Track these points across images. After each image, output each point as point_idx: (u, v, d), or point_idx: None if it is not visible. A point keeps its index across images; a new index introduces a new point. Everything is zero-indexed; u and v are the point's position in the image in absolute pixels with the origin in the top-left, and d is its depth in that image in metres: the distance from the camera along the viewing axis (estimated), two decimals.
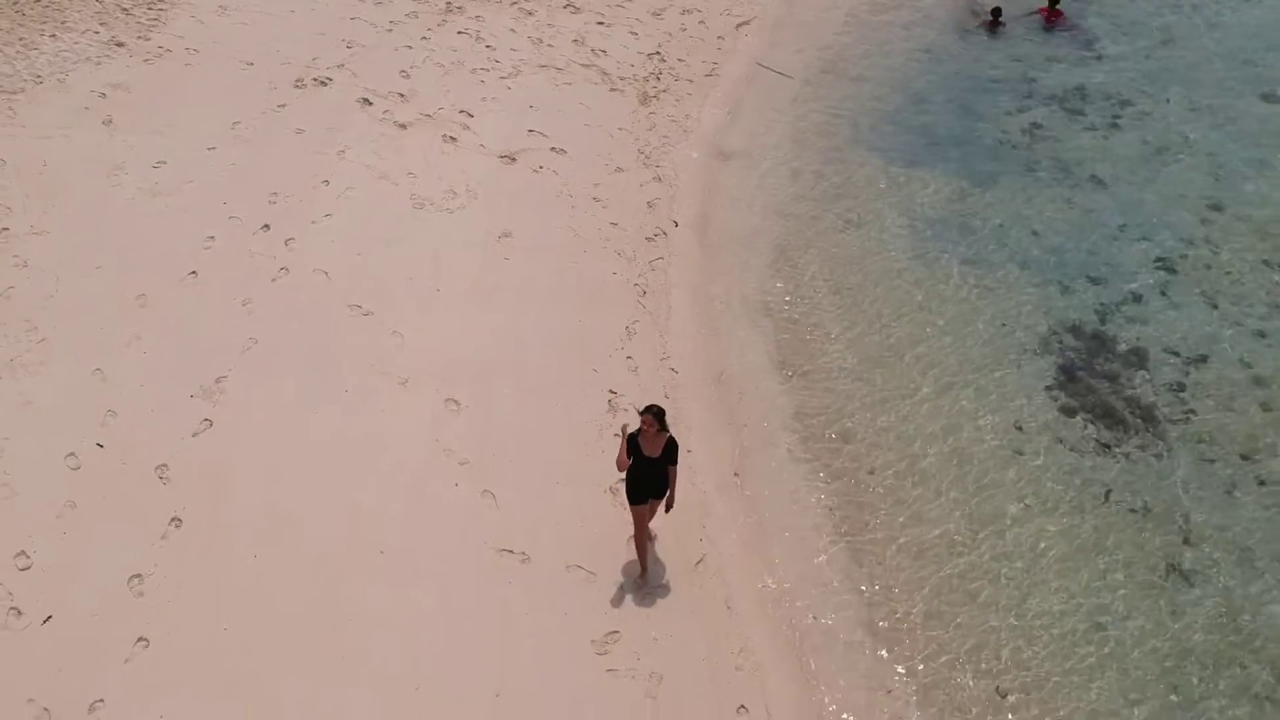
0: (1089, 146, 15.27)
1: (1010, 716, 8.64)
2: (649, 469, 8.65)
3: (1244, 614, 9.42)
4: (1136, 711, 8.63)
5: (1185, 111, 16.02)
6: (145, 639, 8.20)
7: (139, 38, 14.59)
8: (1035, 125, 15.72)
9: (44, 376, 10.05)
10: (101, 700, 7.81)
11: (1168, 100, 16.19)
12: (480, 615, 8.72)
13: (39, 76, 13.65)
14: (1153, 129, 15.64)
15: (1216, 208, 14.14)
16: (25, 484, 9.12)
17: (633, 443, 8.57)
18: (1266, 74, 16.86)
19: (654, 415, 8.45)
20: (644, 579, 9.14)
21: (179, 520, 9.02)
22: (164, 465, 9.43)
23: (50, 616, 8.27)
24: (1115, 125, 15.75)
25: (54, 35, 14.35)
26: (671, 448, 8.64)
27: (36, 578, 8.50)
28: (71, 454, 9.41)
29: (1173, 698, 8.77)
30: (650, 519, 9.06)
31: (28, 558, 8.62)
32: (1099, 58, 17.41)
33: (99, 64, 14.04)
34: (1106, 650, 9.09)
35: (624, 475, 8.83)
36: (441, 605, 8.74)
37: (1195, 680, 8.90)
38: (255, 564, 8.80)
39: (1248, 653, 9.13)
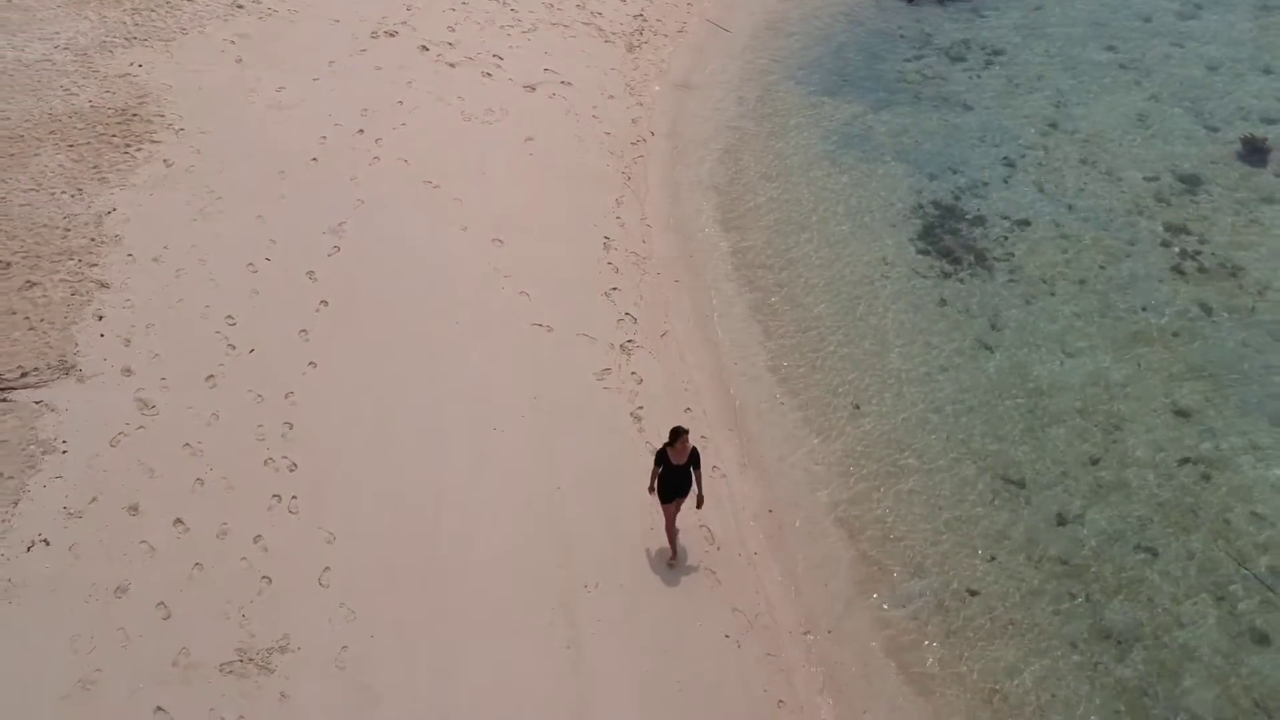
0: (964, 83, 20.21)
1: (862, 420, 13.56)
2: (677, 474, 10.62)
3: (1029, 370, 14.22)
4: (939, 422, 13.48)
5: (1042, 58, 20.96)
6: (314, 363, 13.09)
7: (254, 1, 19.54)
8: (926, 68, 20.65)
9: (225, 220, 14.98)
10: (292, 392, 12.71)
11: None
12: (521, 359, 13.62)
13: (184, 29, 18.59)
14: (1015, 70, 20.58)
15: (1053, 126, 19.07)
16: (223, 279, 14.04)
17: (663, 456, 10.59)
18: (1110, 31, 21.76)
19: (685, 434, 10.42)
20: (675, 560, 11.19)
21: (326, 303, 13.92)
22: (312, 271, 14.34)
23: (254, 349, 13.19)
24: (987, 67, 20.69)
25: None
26: (695, 455, 10.58)
27: (240, 330, 13.40)
28: (250, 264, 14.32)
29: (966, 419, 13.56)
30: (677, 514, 11.07)
31: (233, 319, 13.51)
32: (984, 18, 22.34)
33: (226, 20, 19.01)
34: (927, 387, 14.02)
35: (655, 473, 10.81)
36: (499, 351, 13.64)
37: (985, 408, 13.70)
38: (378, 324, 13.72)
39: (1024, 393, 13.95)
